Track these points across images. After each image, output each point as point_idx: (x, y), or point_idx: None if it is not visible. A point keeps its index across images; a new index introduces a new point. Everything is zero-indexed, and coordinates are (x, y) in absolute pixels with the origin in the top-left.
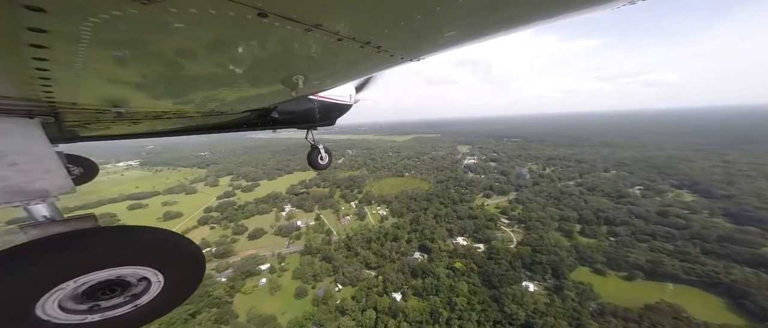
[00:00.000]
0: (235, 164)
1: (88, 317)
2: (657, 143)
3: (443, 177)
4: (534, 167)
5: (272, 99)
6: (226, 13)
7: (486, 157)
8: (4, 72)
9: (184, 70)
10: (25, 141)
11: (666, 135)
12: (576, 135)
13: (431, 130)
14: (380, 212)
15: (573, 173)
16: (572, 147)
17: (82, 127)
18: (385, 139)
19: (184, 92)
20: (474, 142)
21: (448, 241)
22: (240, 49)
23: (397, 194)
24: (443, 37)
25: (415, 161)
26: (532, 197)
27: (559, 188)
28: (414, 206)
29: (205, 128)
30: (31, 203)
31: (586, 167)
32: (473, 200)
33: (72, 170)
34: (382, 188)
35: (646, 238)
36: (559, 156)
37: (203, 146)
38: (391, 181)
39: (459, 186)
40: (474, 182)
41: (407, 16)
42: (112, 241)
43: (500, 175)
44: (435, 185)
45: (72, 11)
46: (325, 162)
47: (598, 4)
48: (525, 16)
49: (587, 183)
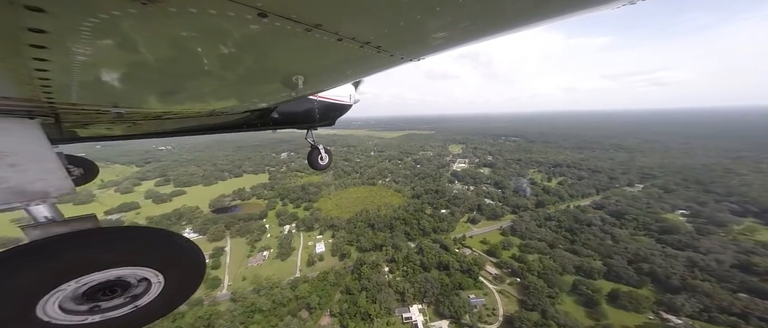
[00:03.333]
0: (180, 162)
1: (89, 318)
2: (682, 148)
3: (422, 188)
4: (537, 175)
5: (272, 99)
6: (226, 13)
7: (479, 161)
8: (5, 72)
9: (184, 70)
10: (25, 142)
11: (690, 138)
12: (583, 136)
13: (426, 126)
14: (317, 247)
15: (588, 188)
16: (581, 150)
17: (82, 127)
18: (373, 136)
19: (184, 93)
20: (469, 142)
21: (394, 315)
22: (240, 50)
23: (353, 216)
24: (443, 36)
25: (395, 164)
26: (533, 227)
27: (572, 214)
28: (368, 237)
29: (205, 128)
30: (32, 204)
31: (604, 179)
32: (453, 228)
33: (72, 170)
34: (339, 203)
35: (733, 321)
36: (566, 162)
37: (169, 140)
38: (356, 192)
39: (438, 204)
40: (459, 198)
41: (407, 16)
42: (113, 241)
43: (494, 187)
44: (409, 200)
45: (72, 12)
46: (325, 162)
47: (598, 4)
48: (524, 16)
49: (610, 204)
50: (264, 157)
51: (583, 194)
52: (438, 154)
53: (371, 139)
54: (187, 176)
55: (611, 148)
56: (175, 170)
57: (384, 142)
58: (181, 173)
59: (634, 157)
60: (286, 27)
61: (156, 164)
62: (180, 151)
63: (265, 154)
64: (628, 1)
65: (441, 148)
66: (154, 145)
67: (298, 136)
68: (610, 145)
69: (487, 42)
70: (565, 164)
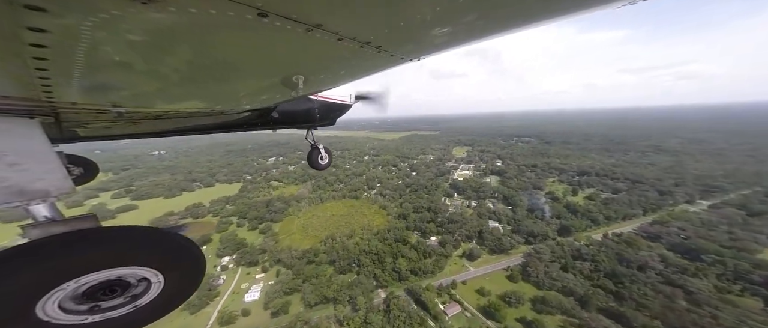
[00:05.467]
0: (158, 169)
1: (89, 318)
2: (743, 149)
3: (412, 205)
4: (557, 186)
5: (272, 99)
6: (226, 13)
7: (486, 167)
8: (5, 72)
9: (184, 69)
10: (26, 141)
11: (748, 137)
12: (609, 135)
13: (432, 126)
14: (249, 293)
15: (630, 206)
16: (610, 153)
17: (82, 127)
18: (373, 138)
19: (184, 92)
20: (476, 143)
21: None
22: (240, 49)
23: (317, 245)
24: (443, 36)
25: (388, 171)
26: (555, 270)
27: (612, 248)
28: (322, 281)
29: (206, 128)
30: (32, 203)
31: (650, 194)
32: (441, 268)
33: (72, 170)
34: (308, 224)
35: None
36: (594, 169)
37: (163, 144)
38: (333, 208)
39: (428, 228)
40: (455, 221)
41: (407, 16)
42: (113, 241)
43: (502, 203)
44: (393, 221)
45: (72, 11)
46: (325, 162)
47: (598, 3)
48: (525, 15)
49: (669, 233)
50: (247, 163)
51: (624, 214)
52: (439, 159)
53: (370, 141)
54: (151, 186)
55: (649, 150)
56: (145, 178)
57: (382, 144)
58: (146, 184)
59: (683, 162)
60: (287, 27)
61: (134, 172)
62: (171, 156)
63: (251, 159)
64: (628, 1)
65: (443, 152)
66: (146, 150)
67: (296, 139)
68: (647, 147)
69: (489, 41)
70: (594, 172)
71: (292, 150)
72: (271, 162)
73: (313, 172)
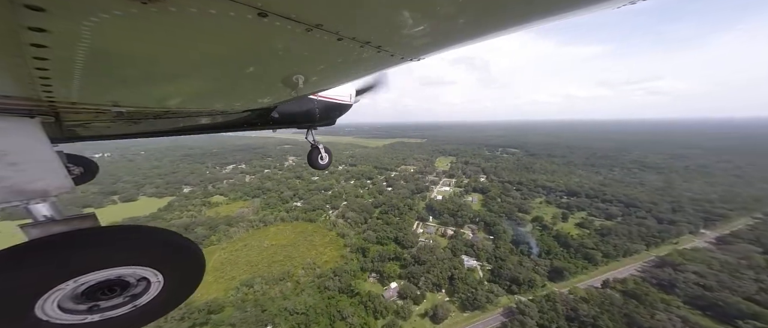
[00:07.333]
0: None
1: (88, 318)
2: (727, 169)
3: (377, 233)
4: (545, 209)
5: (272, 99)
6: (226, 12)
7: (469, 184)
8: (5, 71)
9: (184, 70)
10: (26, 141)
11: (725, 153)
12: (592, 148)
13: (419, 134)
14: None
15: (630, 238)
16: (597, 169)
17: (82, 126)
18: (356, 144)
19: (184, 92)
20: (461, 154)
21: None
22: (240, 49)
23: (226, 294)
24: (443, 36)
25: (361, 186)
26: None
27: (618, 305)
28: None
29: (205, 128)
30: (31, 203)
31: (648, 221)
32: None
33: (72, 169)
34: (228, 261)
35: None
36: (584, 188)
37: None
38: (278, 233)
39: (387, 271)
40: (424, 259)
41: (407, 15)
42: (112, 241)
43: (482, 230)
44: (349, 255)
45: (72, 11)
46: (325, 162)
47: (598, 3)
48: (525, 14)
49: (686, 281)
50: (197, 170)
51: (624, 250)
52: (420, 171)
53: (352, 148)
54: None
55: (634, 166)
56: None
57: (364, 152)
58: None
59: (673, 182)
60: (287, 27)
61: None
62: (115, 158)
63: (204, 166)
64: (628, 1)
65: (426, 163)
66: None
67: (271, 144)
68: (632, 163)
69: (484, 44)
70: (583, 192)
71: (260, 157)
72: (228, 171)
73: (267, 185)
